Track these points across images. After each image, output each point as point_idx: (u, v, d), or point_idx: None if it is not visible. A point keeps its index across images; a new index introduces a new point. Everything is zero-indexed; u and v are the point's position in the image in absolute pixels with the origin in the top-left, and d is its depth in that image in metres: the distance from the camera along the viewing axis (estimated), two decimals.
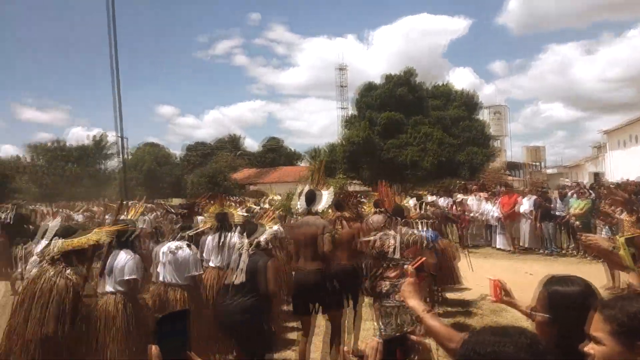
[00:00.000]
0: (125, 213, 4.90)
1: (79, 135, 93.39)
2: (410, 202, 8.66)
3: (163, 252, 4.75)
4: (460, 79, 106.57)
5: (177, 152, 53.21)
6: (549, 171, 50.48)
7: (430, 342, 2.01)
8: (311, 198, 5.26)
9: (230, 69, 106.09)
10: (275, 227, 4.88)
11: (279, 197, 8.92)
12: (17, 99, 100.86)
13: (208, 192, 30.40)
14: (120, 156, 22.24)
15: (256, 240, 4.39)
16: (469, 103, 33.39)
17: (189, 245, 4.82)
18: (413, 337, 1.37)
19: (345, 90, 49.12)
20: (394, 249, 4.32)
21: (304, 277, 4.83)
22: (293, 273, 5.12)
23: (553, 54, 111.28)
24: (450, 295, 7.86)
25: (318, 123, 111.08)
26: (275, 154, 56.78)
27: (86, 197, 30.53)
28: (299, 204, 5.41)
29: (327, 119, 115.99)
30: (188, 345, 1.07)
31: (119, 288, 4.08)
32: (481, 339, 1.20)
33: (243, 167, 48.69)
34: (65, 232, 3.99)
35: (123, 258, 4.12)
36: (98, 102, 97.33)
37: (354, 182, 30.22)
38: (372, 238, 4.51)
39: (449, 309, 7.46)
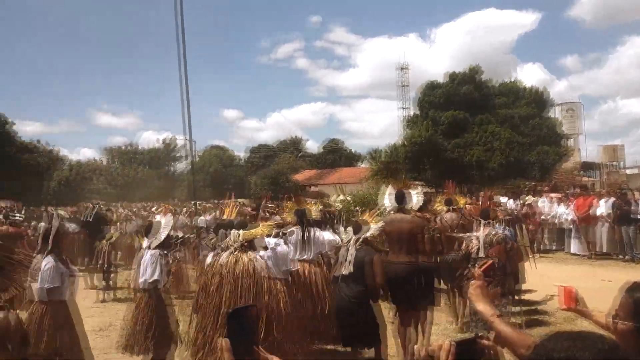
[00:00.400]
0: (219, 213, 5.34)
1: (150, 138, 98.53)
2: (503, 200, 8.65)
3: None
4: (530, 75, 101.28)
5: (241, 154, 54.81)
6: (629, 171, 46.93)
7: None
8: (401, 197, 5.59)
9: (291, 72, 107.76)
10: (380, 225, 5.08)
11: (345, 198, 8.87)
12: (94, 106, 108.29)
13: (270, 192, 31.05)
14: (189, 158, 23.32)
15: (363, 236, 4.73)
16: (539, 100, 31.86)
17: (285, 242, 5.14)
18: (484, 341, 1.28)
19: (406, 90, 48.36)
20: (478, 249, 4.64)
21: (396, 269, 5.03)
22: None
23: (632, 47, 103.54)
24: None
25: (378, 124, 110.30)
26: (336, 155, 57.00)
27: (157, 198, 32.12)
28: (388, 203, 5.76)
29: (388, 119, 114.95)
30: (256, 340, 1.09)
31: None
32: (555, 344, 1.12)
33: (304, 168, 49.27)
34: (242, 225, 4.59)
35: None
36: (167, 107, 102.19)
37: (416, 183, 29.65)
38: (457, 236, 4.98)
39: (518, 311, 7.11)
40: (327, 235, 5.49)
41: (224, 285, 3.88)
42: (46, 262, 4.14)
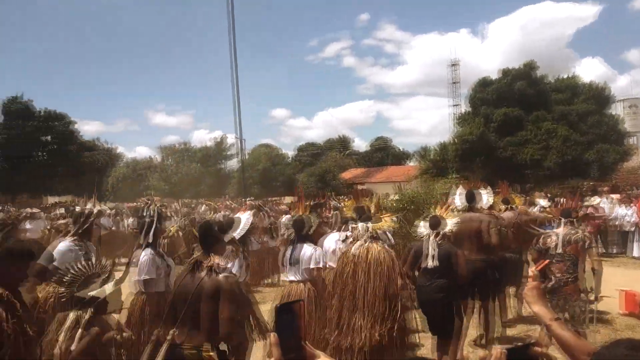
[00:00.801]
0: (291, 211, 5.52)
1: (202, 137, 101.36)
2: (542, 203, 8.76)
3: (336, 241, 5.39)
4: (589, 70, 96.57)
5: (289, 152, 55.36)
6: None
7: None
8: (471, 197, 5.92)
9: (339, 70, 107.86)
10: (455, 220, 5.15)
11: (394, 197, 8.81)
12: (150, 106, 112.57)
13: (317, 190, 31.18)
14: (239, 156, 23.78)
15: (442, 231, 4.90)
16: (599, 96, 30.31)
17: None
18: (537, 349, 1.25)
19: (457, 87, 47.22)
20: (556, 245, 4.77)
21: (470, 266, 5.15)
22: None
23: None
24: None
25: (427, 121, 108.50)
26: (383, 154, 56.50)
27: (209, 194, 32.99)
28: (458, 202, 6.04)
29: (437, 117, 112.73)
30: (303, 335, 1.09)
31: (305, 276, 4.64)
32: (615, 352, 1.09)
33: (351, 166, 49.15)
34: (368, 218, 4.85)
35: (309, 250, 4.65)
36: (218, 106, 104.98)
37: (466, 182, 28.96)
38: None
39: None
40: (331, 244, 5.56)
41: (358, 273, 4.20)
42: (144, 255, 4.34)
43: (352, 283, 4.24)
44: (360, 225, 4.63)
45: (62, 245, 4.33)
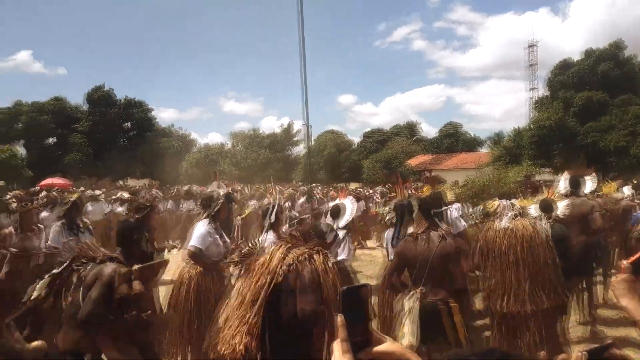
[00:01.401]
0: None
1: (270, 124, 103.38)
2: (626, 191, 8.34)
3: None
4: None
5: (355, 139, 55.14)
6: None
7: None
8: (576, 182, 6.28)
9: (408, 54, 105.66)
10: (565, 203, 5.40)
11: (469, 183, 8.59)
12: (222, 94, 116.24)
13: (384, 177, 30.85)
14: (307, 142, 24.03)
15: (554, 214, 5.10)
16: None
17: None
18: (616, 351, 1.15)
19: (534, 69, 44.69)
20: None
21: (578, 247, 5.47)
22: None
23: None
24: None
25: (501, 106, 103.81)
26: (453, 140, 54.80)
27: (276, 179, 33.67)
28: (562, 187, 6.35)
29: (512, 101, 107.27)
30: (369, 318, 1.08)
31: None
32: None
33: (419, 153, 48.15)
34: (506, 194, 5.41)
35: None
36: (286, 94, 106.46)
37: (542, 169, 27.46)
38: None
39: None
40: (454, 213, 5.81)
41: (510, 248, 4.45)
42: (268, 238, 4.55)
43: (512, 254, 4.43)
44: (505, 202, 4.80)
45: (202, 228, 4.56)
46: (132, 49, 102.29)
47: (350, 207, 4.99)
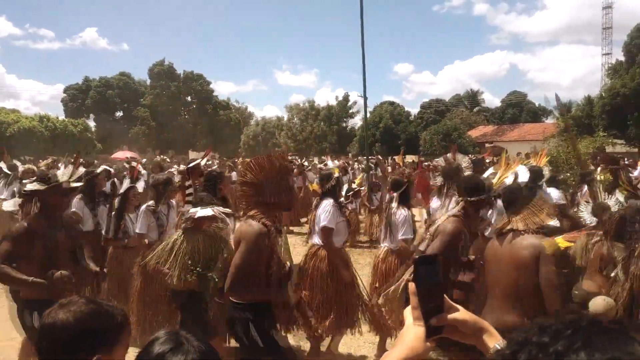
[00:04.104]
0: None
1: (325, 95, 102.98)
2: None
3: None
4: None
5: (413, 110, 53.89)
6: None
7: None
8: None
9: (468, 19, 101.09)
10: None
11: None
12: (277, 67, 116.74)
13: (442, 149, 30.00)
14: (362, 114, 23.81)
15: None
16: None
17: None
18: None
19: (609, 33, 41.47)
20: None
21: None
22: None
23: None
24: None
25: (570, 73, 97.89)
26: (517, 110, 52.35)
27: (331, 152, 33.69)
28: None
29: (582, 68, 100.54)
30: (442, 288, 1.10)
31: None
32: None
33: (480, 124, 46.42)
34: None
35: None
36: (341, 64, 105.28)
37: (615, 141, 25.71)
38: None
39: None
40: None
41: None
42: (326, 204, 4.51)
43: None
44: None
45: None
46: (189, 23, 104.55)
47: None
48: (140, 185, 6.29)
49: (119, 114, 51.63)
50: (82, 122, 42.85)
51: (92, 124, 48.24)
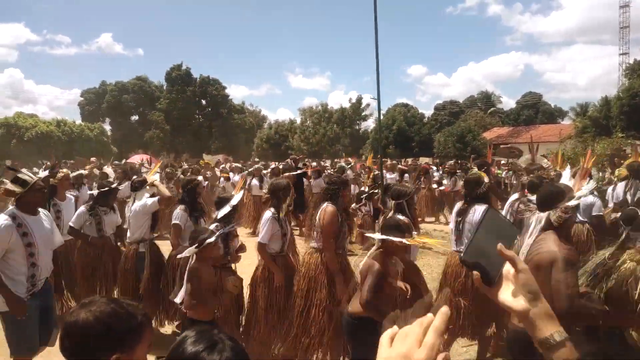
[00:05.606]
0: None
1: (338, 98, 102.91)
2: None
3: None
4: None
5: (426, 111, 53.62)
6: None
7: None
8: None
9: (482, 20, 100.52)
10: None
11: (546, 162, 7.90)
12: (290, 70, 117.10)
13: (456, 151, 29.76)
14: (375, 116, 23.77)
15: None
16: None
17: None
18: None
19: (627, 32, 40.82)
20: None
21: None
22: None
23: None
24: None
25: (587, 74, 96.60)
26: (532, 111, 51.78)
27: (345, 154, 33.64)
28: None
29: (599, 68, 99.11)
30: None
31: None
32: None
33: (495, 125, 45.98)
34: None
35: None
36: (354, 67, 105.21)
37: (634, 142, 25.28)
38: None
39: None
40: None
41: None
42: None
43: None
44: None
45: None
46: (202, 28, 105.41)
47: None
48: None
49: (134, 117, 52.21)
50: (98, 126, 43.47)
51: (107, 127, 48.88)
